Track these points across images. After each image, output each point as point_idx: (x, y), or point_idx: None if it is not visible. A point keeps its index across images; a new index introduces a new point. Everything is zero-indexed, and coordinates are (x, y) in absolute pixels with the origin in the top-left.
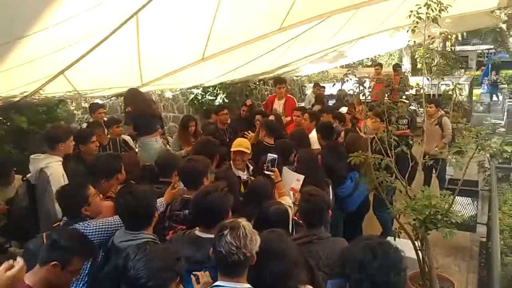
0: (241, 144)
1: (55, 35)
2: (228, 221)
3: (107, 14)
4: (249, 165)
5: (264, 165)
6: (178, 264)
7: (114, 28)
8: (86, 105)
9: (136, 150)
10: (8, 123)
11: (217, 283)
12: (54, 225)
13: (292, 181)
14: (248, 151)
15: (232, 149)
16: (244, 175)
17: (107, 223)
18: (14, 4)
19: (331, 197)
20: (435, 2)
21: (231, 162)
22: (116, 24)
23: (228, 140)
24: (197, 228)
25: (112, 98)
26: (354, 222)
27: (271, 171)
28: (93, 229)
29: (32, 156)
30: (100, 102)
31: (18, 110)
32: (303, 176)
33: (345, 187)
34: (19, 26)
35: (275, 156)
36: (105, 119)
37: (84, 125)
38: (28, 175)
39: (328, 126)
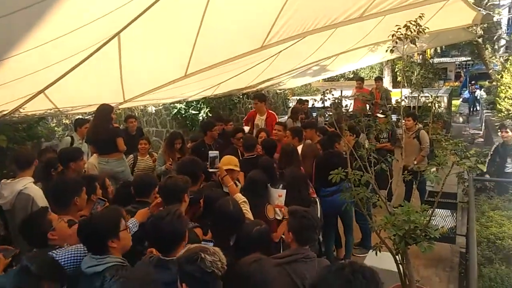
0: (230, 162)
1: (35, 56)
2: (186, 249)
3: (89, 34)
4: (238, 182)
5: (207, 163)
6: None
7: (95, 48)
8: (67, 121)
9: None
10: None
11: None
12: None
13: (274, 198)
14: (237, 169)
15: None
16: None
17: (78, 250)
18: None
19: (318, 214)
20: (413, 24)
21: (220, 179)
22: (97, 45)
23: None
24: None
25: (93, 115)
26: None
27: (215, 168)
28: (63, 257)
29: (3, 181)
30: (84, 118)
31: None
32: (284, 191)
33: (327, 190)
34: None
35: (217, 153)
36: None
37: (68, 138)
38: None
39: (331, 137)
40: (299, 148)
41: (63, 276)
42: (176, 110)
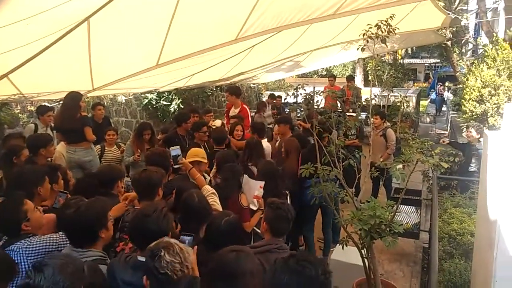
0: (197, 154)
1: None
2: (156, 242)
3: (57, 17)
4: (206, 175)
5: (171, 161)
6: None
7: (63, 32)
8: (32, 108)
9: None
10: None
11: None
12: None
13: (254, 189)
14: (205, 161)
15: (188, 160)
16: None
17: (51, 240)
18: None
19: None
20: (384, 24)
21: (187, 172)
22: (66, 29)
23: (187, 146)
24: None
25: (60, 102)
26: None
27: (180, 163)
28: (36, 247)
29: None
30: (48, 105)
31: None
32: (263, 182)
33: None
34: None
35: (178, 149)
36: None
37: (32, 126)
38: None
39: (302, 137)
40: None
41: (11, 273)
42: (147, 101)
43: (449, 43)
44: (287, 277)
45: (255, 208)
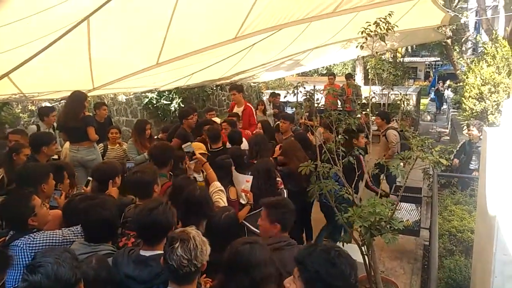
0: (201, 147)
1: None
2: (178, 231)
3: (56, 16)
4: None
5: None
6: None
7: (63, 31)
8: (33, 107)
9: None
10: None
11: None
12: (0, 239)
13: (242, 183)
14: (207, 153)
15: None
16: (200, 177)
17: (54, 236)
18: None
19: None
20: (383, 22)
21: (202, 165)
22: (66, 28)
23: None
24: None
25: (61, 101)
26: None
27: (195, 159)
28: (39, 242)
29: None
30: (49, 105)
31: None
32: (252, 177)
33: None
34: None
35: (189, 144)
36: None
37: (34, 127)
38: None
39: (304, 137)
40: None
41: (5, 263)
42: (147, 100)
43: (449, 41)
44: (329, 268)
45: (243, 202)
